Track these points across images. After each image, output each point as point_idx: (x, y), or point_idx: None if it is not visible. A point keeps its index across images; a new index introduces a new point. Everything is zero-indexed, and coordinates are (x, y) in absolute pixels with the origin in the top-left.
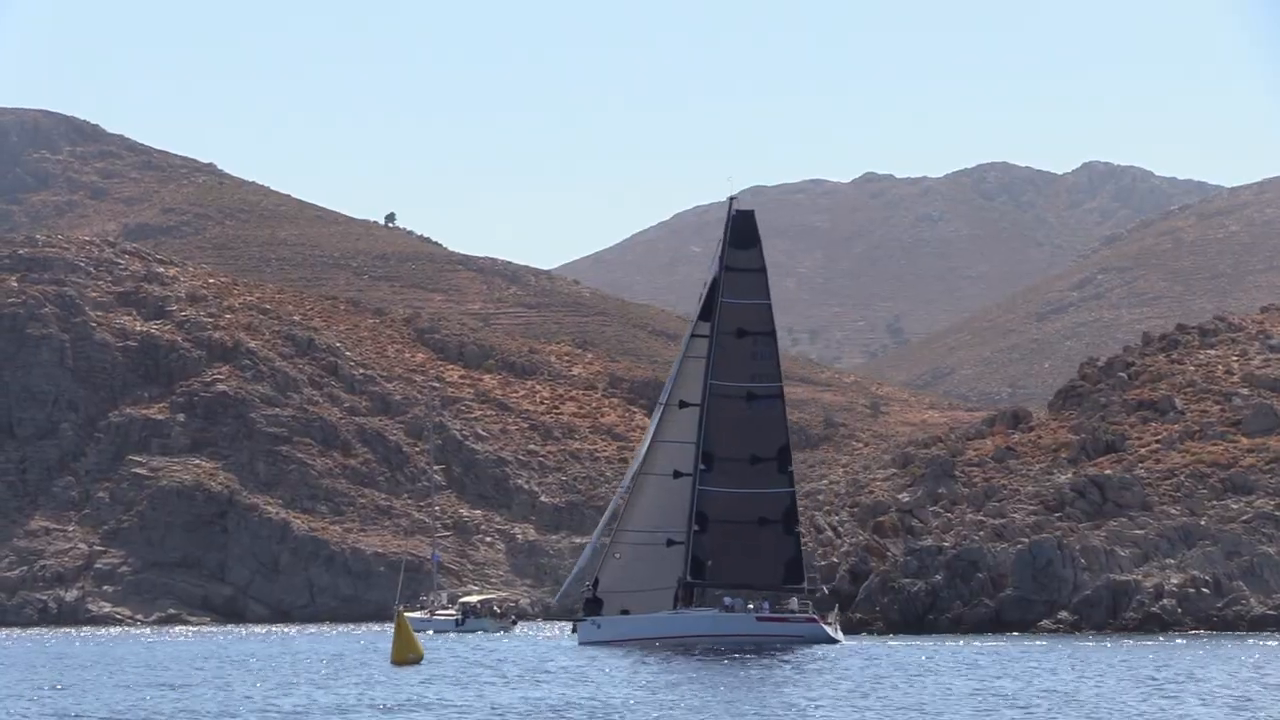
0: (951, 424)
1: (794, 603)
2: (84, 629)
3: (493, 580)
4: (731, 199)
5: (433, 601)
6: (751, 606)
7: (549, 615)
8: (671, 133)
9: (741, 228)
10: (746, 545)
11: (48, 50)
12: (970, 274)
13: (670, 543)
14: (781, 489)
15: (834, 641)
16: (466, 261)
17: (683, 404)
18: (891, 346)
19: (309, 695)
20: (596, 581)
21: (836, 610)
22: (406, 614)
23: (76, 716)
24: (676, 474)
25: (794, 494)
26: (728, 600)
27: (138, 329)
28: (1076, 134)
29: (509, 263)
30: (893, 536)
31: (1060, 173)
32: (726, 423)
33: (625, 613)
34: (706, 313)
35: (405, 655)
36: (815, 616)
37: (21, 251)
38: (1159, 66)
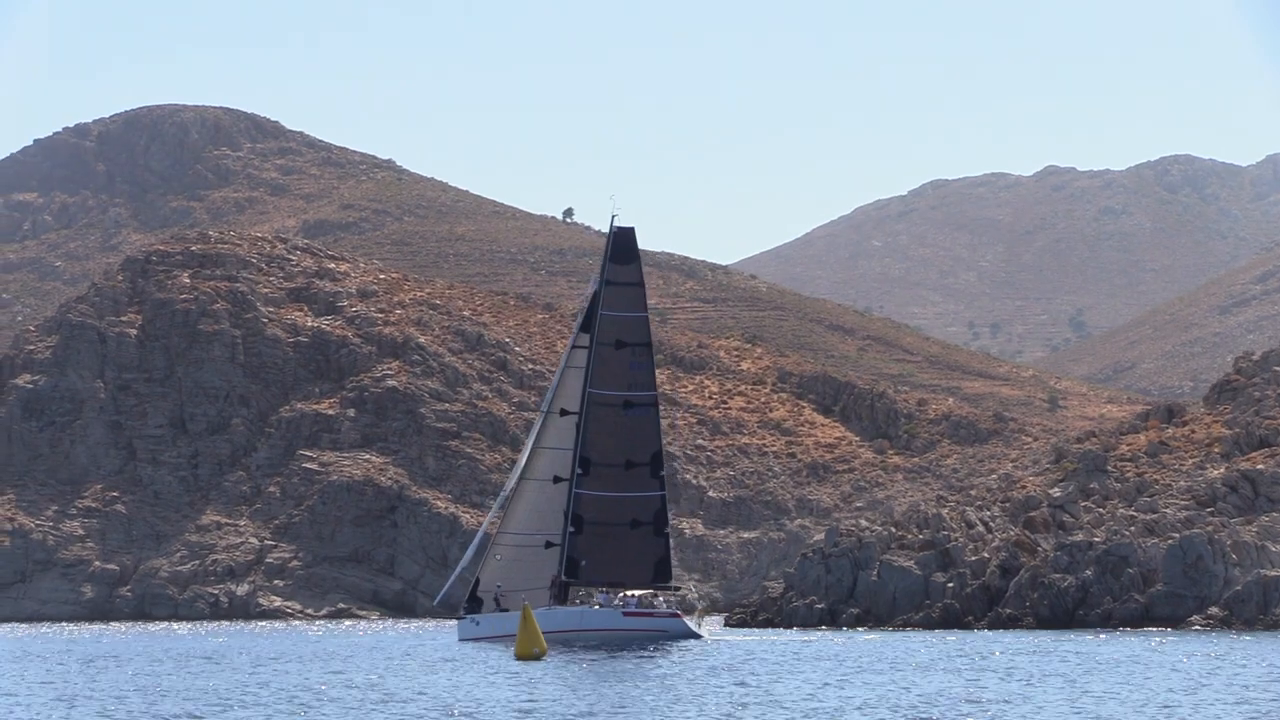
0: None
1: (659, 600)
2: (257, 623)
3: None
4: (614, 215)
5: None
6: (618, 602)
7: (715, 609)
8: (852, 126)
9: (622, 244)
10: (619, 546)
11: (229, 48)
12: (1153, 267)
13: (549, 544)
14: (653, 492)
15: (696, 636)
16: (644, 257)
17: (563, 412)
18: (1073, 340)
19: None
20: (477, 581)
21: (701, 607)
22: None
23: None
24: (556, 479)
25: (664, 497)
26: (601, 597)
27: (309, 325)
28: (1260, 126)
29: (685, 258)
30: (1043, 531)
31: (1244, 165)
32: (604, 429)
33: (504, 610)
34: (587, 325)
35: (529, 650)
36: (678, 612)
37: (194, 248)
38: None
